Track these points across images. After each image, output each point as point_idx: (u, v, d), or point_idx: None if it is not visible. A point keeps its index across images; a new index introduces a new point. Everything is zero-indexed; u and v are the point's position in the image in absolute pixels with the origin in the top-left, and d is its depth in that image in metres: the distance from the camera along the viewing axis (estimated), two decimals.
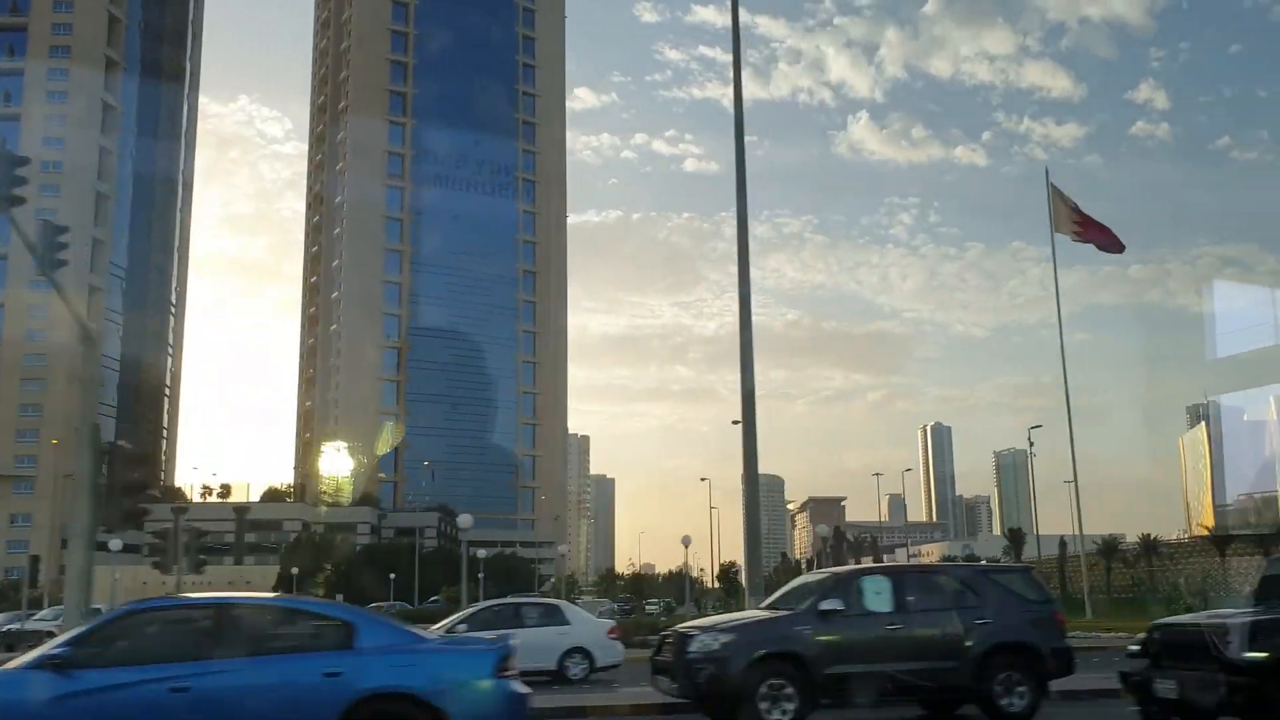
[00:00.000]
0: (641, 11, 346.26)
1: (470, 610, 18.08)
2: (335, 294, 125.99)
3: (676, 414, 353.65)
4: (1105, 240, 41.22)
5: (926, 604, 10.67)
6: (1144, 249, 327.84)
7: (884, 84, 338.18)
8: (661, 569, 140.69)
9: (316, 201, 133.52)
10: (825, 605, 10.18)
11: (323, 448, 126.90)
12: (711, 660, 9.82)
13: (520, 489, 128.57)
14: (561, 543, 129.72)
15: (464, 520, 31.98)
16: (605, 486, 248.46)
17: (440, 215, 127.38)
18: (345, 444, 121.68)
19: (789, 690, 9.75)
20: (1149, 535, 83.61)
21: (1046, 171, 41.36)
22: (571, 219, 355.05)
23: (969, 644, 10.32)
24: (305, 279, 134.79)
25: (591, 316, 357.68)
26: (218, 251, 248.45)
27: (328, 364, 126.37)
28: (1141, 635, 9.25)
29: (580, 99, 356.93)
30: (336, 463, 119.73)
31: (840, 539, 70.79)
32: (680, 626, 10.92)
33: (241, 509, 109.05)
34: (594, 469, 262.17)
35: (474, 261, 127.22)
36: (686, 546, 51.67)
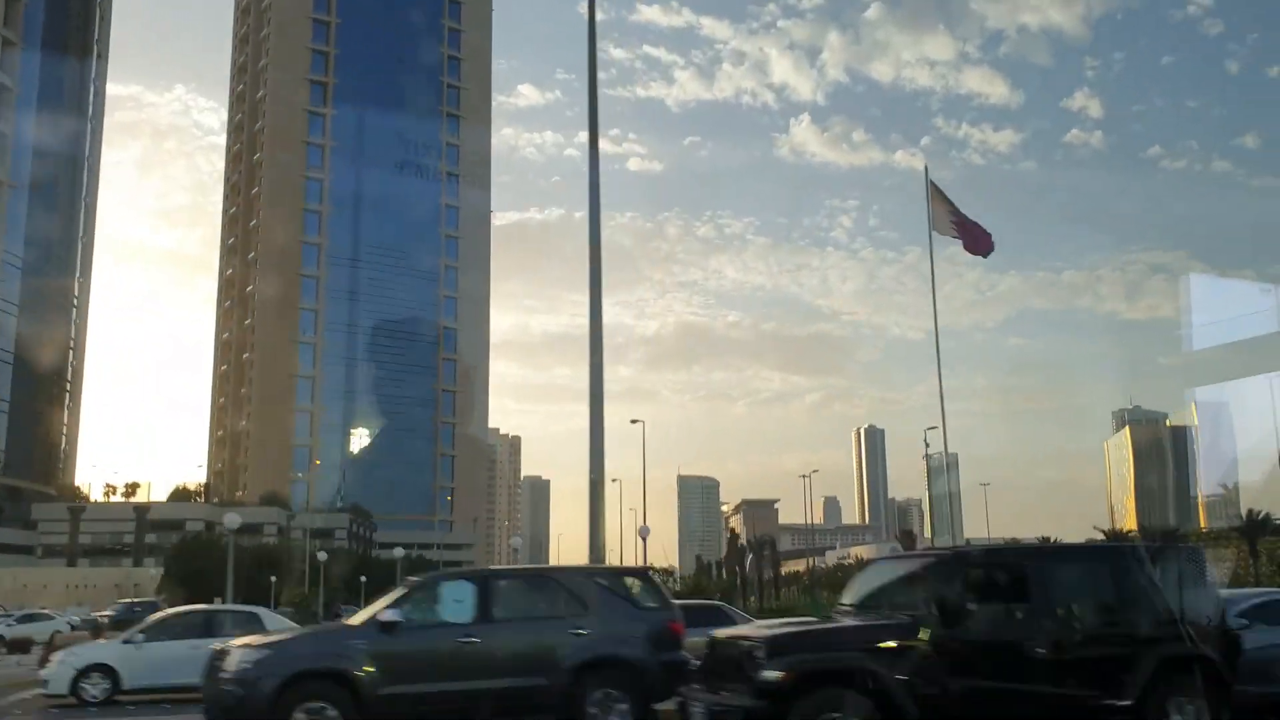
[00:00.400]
0: (585, 9, 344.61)
1: (155, 619, 16.45)
2: (250, 287, 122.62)
3: (617, 414, 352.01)
4: (979, 245, 40.73)
5: (517, 613, 9.38)
6: (1076, 255, 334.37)
7: (826, 87, 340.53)
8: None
9: (234, 192, 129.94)
10: (386, 617, 8.85)
11: (235, 445, 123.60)
12: (241, 681, 8.45)
13: (438, 490, 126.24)
14: (472, 544, 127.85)
15: (230, 520, 30.11)
16: (540, 488, 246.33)
17: (360, 208, 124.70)
18: (257, 442, 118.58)
19: (331, 713, 8.43)
20: (1046, 538, 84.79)
21: (926, 169, 40.26)
22: (514, 216, 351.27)
23: (561, 657, 9.05)
24: (221, 271, 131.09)
25: (533, 315, 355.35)
26: (153, 245, 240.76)
27: (242, 360, 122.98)
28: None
29: (524, 96, 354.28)
30: (248, 461, 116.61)
31: (734, 542, 70.04)
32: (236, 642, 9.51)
33: (142, 509, 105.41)
34: (531, 470, 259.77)
35: (394, 256, 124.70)
36: (516, 551, 50.40)
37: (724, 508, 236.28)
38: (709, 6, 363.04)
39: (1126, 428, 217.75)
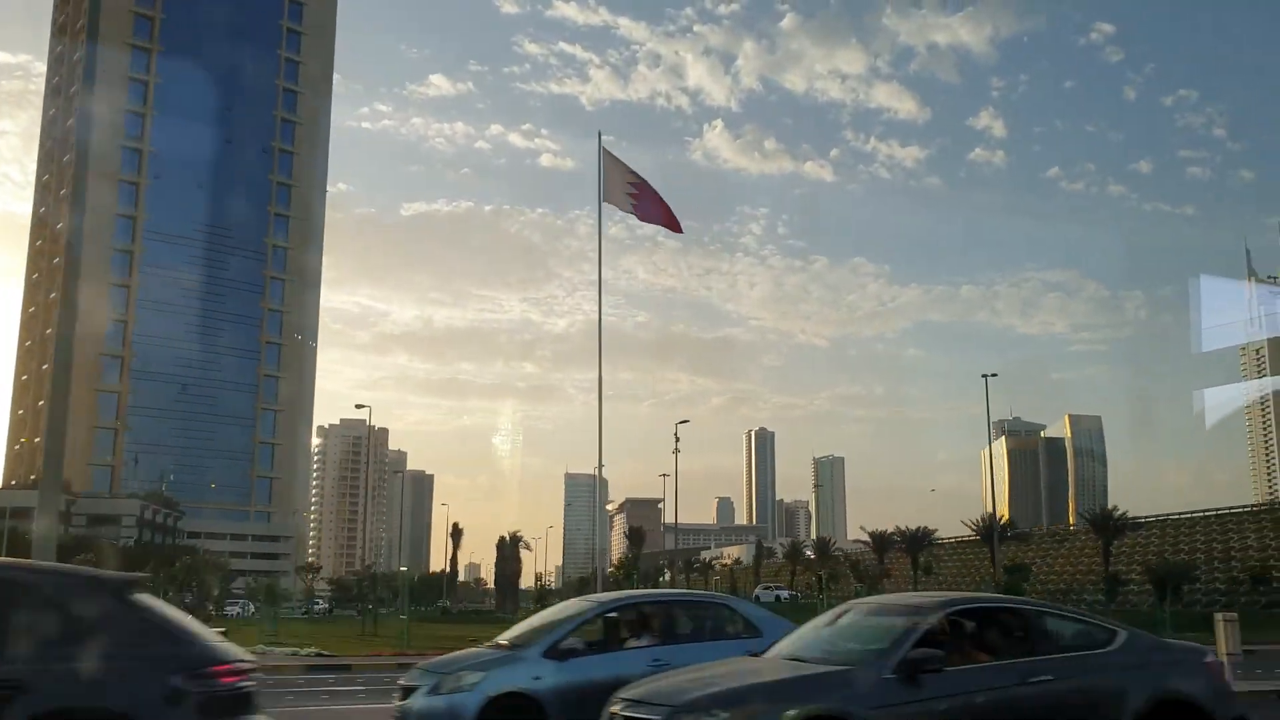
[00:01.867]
0: (502, 2, 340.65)
1: None
2: (57, 259, 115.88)
3: (521, 411, 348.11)
4: (662, 217, 37.13)
5: None
6: (975, 271, 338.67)
7: (740, 94, 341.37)
8: (488, 570, 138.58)
9: (47, 158, 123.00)
10: None
11: (36, 425, 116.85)
12: None
13: (256, 479, 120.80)
14: (289, 536, 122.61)
15: None
16: (424, 482, 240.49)
17: (182, 181, 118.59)
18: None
19: None
20: (825, 538, 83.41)
21: (599, 135, 36.48)
22: (422, 207, 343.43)
23: None
24: (31, 242, 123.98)
25: (438, 308, 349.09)
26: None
27: (45, 334, 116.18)
28: None
29: (435, 86, 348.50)
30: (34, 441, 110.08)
31: (457, 535, 66.82)
32: None
33: None
34: (419, 464, 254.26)
35: (216, 233, 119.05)
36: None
37: (609, 506, 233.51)
38: (626, 6, 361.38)
39: (1003, 438, 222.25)
